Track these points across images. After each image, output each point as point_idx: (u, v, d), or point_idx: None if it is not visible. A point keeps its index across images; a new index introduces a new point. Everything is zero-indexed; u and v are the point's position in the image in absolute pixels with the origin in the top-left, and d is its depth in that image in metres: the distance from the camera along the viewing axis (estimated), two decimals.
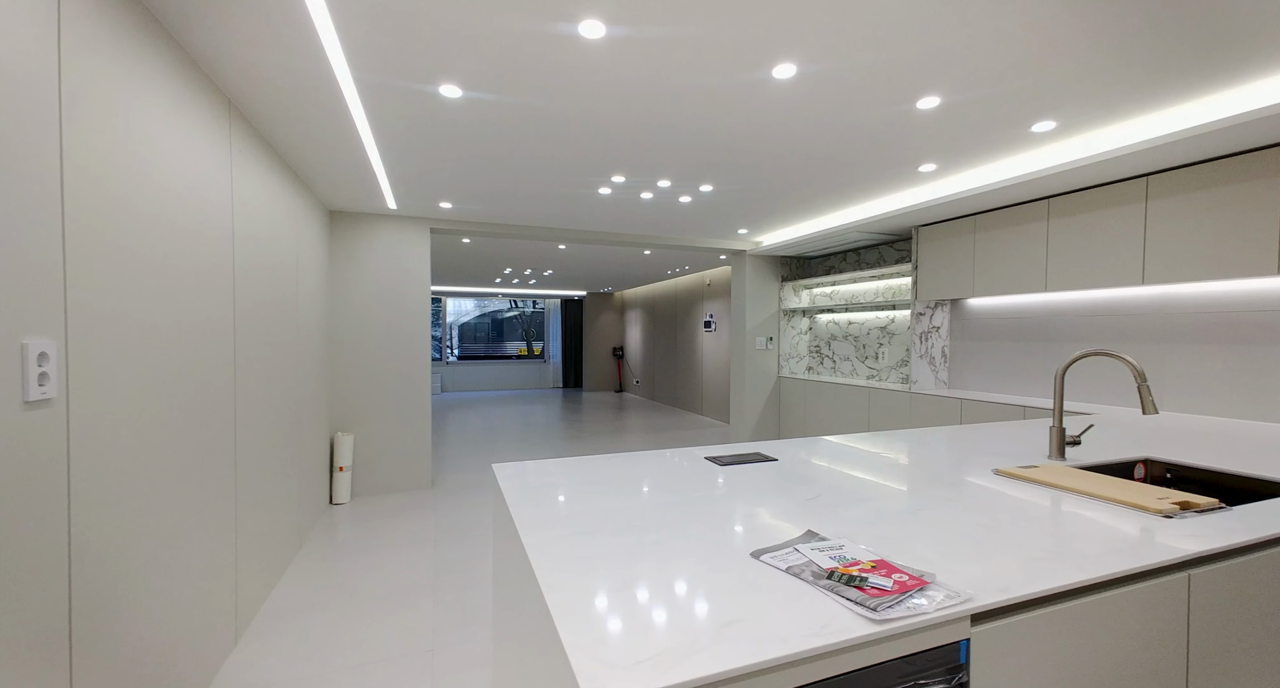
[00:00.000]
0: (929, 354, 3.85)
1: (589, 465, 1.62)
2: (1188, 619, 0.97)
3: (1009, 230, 3.19)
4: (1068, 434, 1.65)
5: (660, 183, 3.20)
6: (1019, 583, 0.84)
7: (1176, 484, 1.64)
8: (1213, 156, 2.33)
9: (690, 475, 1.51)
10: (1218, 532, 1.05)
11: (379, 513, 3.67)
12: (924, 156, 2.72)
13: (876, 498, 1.28)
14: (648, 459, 1.70)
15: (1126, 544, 0.99)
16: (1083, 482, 1.35)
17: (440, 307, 11.75)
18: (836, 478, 1.47)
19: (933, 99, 2.06)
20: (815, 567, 0.88)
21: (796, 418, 4.98)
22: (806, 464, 1.63)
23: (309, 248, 3.35)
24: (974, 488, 1.35)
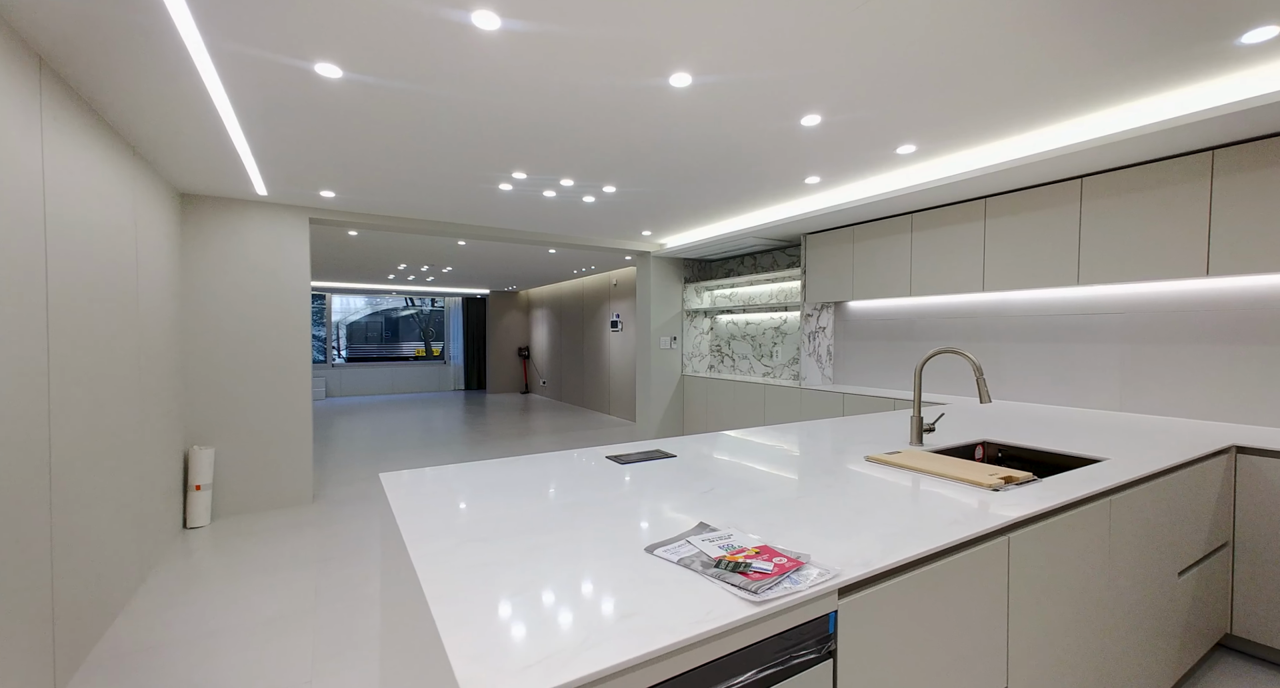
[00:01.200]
0: (816, 352, 4.18)
1: (487, 470, 1.57)
2: (1008, 575, 1.14)
3: (881, 240, 3.55)
4: (925, 422, 1.87)
5: (563, 182, 3.17)
6: (878, 556, 0.94)
7: (1006, 462, 1.93)
8: (1036, 183, 2.77)
9: (592, 475, 1.51)
10: (1030, 500, 1.25)
11: (247, 534, 3.27)
12: (809, 170, 2.95)
13: (766, 488, 1.37)
14: (550, 461, 1.68)
15: (964, 516, 1.14)
16: (935, 464, 1.54)
17: (324, 304, 10.74)
18: (731, 470, 1.55)
19: (815, 117, 2.24)
20: (705, 557, 0.93)
21: (699, 415, 5.18)
22: (704, 459, 1.70)
23: (152, 236, 2.91)
24: (849, 474, 1.49)
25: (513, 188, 3.29)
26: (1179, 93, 2.03)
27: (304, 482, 3.82)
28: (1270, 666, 1.91)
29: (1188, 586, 1.73)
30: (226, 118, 2.30)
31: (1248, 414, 2.31)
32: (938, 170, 2.86)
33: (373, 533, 3.27)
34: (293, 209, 3.75)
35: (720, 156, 2.74)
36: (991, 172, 2.62)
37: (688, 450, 1.81)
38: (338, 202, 3.65)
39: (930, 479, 1.43)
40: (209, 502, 3.41)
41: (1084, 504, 1.33)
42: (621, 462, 1.66)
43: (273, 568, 2.81)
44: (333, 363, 10.74)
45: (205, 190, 3.39)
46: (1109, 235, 2.53)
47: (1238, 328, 2.34)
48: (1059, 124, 2.32)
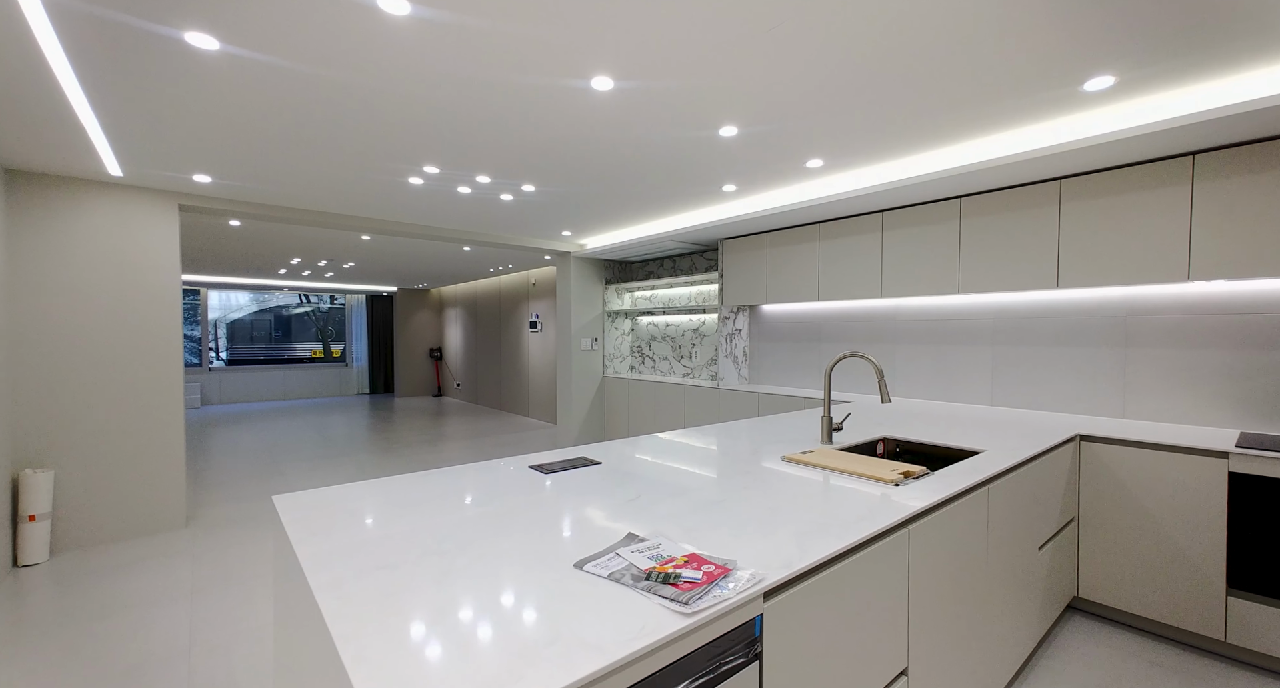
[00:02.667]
0: (733, 354, 4.35)
1: (399, 486, 1.46)
2: (908, 563, 1.24)
3: (792, 247, 3.76)
4: (834, 421, 1.99)
5: (479, 178, 3.04)
6: (797, 557, 0.98)
7: (904, 456, 2.11)
8: (925, 200, 3.06)
9: (514, 487, 1.46)
10: (926, 493, 1.37)
11: (100, 569, 2.81)
12: (726, 178, 3.05)
13: (690, 490, 1.39)
14: (468, 473, 1.60)
15: (870, 510, 1.23)
16: (843, 462, 1.64)
17: (199, 300, 9.52)
18: (656, 474, 1.56)
19: (731, 128, 2.31)
20: (635, 569, 0.92)
21: (621, 416, 5.19)
22: (629, 463, 1.69)
23: None
24: (767, 473, 1.56)
25: (424, 182, 3.10)
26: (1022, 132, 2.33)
27: (175, 504, 3.35)
28: (1110, 622, 2.26)
29: (1045, 557, 1.99)
30: (66, 82, 1.96)
31: (1087, 406, 2.71)
32: (842, 184, 3.07)
33: (257, 557, 2.94)
34: (157, 194, 3.28)
35: (641, 161, 2.76)
36: (887, 189, 2.86)
37: (612, 456, 1.80)
38: (215, 188, 3.24)
39: (840, 477, 1.52)
40: (47, 534, 2.89)
41: (968, 493, 1.48)
42: (545, 471, 1.61)
43: (133, 606, 2.43)
44: (209, 367, 9.55)
45: (40, 166, 2.87)
46: (985, 249, 2.85)
47: (1078, 332, 2.73)
48: (945, 147, 2.58)
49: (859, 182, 2.98)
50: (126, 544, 3.12)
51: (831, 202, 3.12)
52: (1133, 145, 2.19)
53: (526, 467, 1.66)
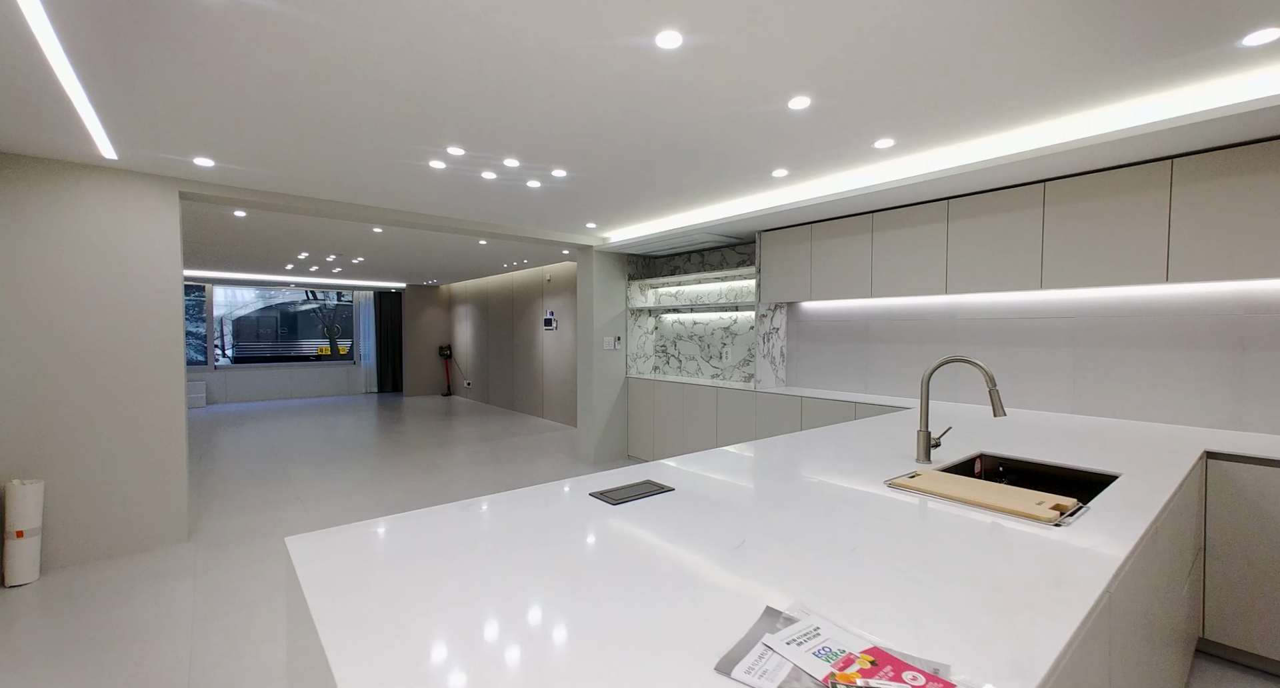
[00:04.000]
0: (770, 354, 4.06)
1: (436, 523, 1.18)
2: (1109, 642, 0.96)
3: (841, 240, 3.47)
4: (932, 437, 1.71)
5: (507, 162, 2.76)
6: (1026, 657, 0.70)
7: (1007, 477, 1.82)
8: (996, 187, 2.76)
9: (578, 523, 1.18)
10: (1102, 536, 1.08)
11: (93, 590, 2.56)
12: (780, 161, 2.76)
13: (799, 533, 1.11)
14: (520, 504, 1.32)
15: (1056, 568, 0.95)
16: (966, 490, 1.36)
17: (204, 296, 9.30)
18: (745, 505, 1.28)
19: (804, 99, 2.03)
20: (806, 676, 0.64)
21: (646, 420, 4.92)
22: (706, 489, 1.42)
23: None
24: (881, 505, 1.28)
25: (446, 167, 2.83)
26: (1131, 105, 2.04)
27: (177, 516, 3.10)
28: (1241, 668, 1.97)
29: (1181, 594, 1.70)
30: (49, 47, 1.69)
31: (1193, 416, 2.41)
32: (910, 167, 2.77)
33: (262, 578, 2.68)
34: (156, 179, 3.01)
35: (690, 143, 2.47)
36: (961, 172, 2.56)
37: (683, 479, 1.52)
38: (218, 173, 2.97)
39: (974, 512, 1.24)
40: (36, 551, 2.64)
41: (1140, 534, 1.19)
42: (610, 500, 1.33)
43: (128, 634, 2.18)
44: (215, 365, 9.34)
45: (28, 148, 2.61)
46: (1071, 239, 2.55)
47: (1182, 332, 2.43)
48: (1031, 126, 2.28)
49: (931, 164, 2.69)
50: (123, 561, 2.87)
51: (895, 187, 2.82)
52: (1250, 122, 1.89)
53: (587, 494, 1.39)
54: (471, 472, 4.72)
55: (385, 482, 4.42)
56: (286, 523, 3.47)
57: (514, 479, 4.47)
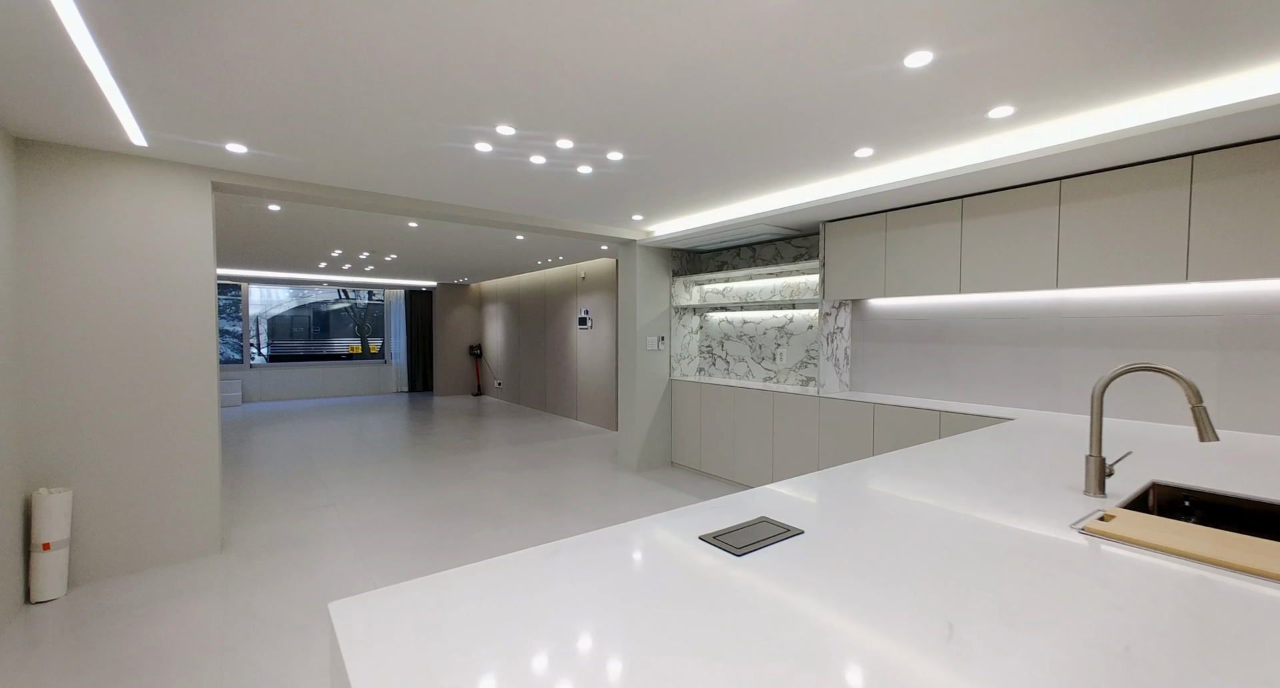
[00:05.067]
0: (834, 356, 3.72)
1: (508, 581, 0.91)
2: None
3: (922, 229, 3.11)
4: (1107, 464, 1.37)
5: (560, 143, 2.49)
6: None
7: (1198, 514, 1.47)
8: (1123, 163, 2.37)
9: (696, 584, 0.89)
10: None
11: (120, 609, 2.39)
12: (868, 138, 2.43)
13: (1014, 606, 0.79)
14: (611, 552, 1.04)
15: None
16: (1203, 544, 1.03)
17: (240, 296, 9.35)
18: (910, 562, 0.97)
19: (924, 54, 1.70)
20: None
21: (692, 425, 4.62)
22: (843, 531, 1.12)
23: None
24: (1092, 562, 0.95)
25: (493, 150, 2.58)
26: None
27: (209, 526, 2.93)
28: None
29: None
30: (71, 23, 1.48)
31: None
32: (1021, 142, 2.40)
33: (297, 599, 2.48)
34: (187, 169, 2.84)
35: (766, 120, 2.17)
36: (1085, 147, 2.19)
37: (807, 515, 1.22)
38: (251, 161, 2.78)
39: (1224, 578, 0.91)
40: (64, 565, 2.49)
41: None
42: (730, 548, 1.04)
43: (155, 663, 1.98)
44: (250, 363, 9.38)
45: (55, 135, 2.44)
46: (1228, 222, 2.16)
47: None
48: (1175, 89, 1.90)
49: (1049, 138, 2.32)
50: (154, 575, 2.71)
51: (1002, 167, 2.46)
52: None
53: (695, 538, 1.10)
54: (508, 477, 4.50)
55: (420, 487, 4.23)
56: (320, 531, 3.29)
57: (554, 486, 4.22)
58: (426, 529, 3.33)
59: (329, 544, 3.10)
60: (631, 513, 3.62)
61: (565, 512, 3.65)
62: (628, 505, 3.78)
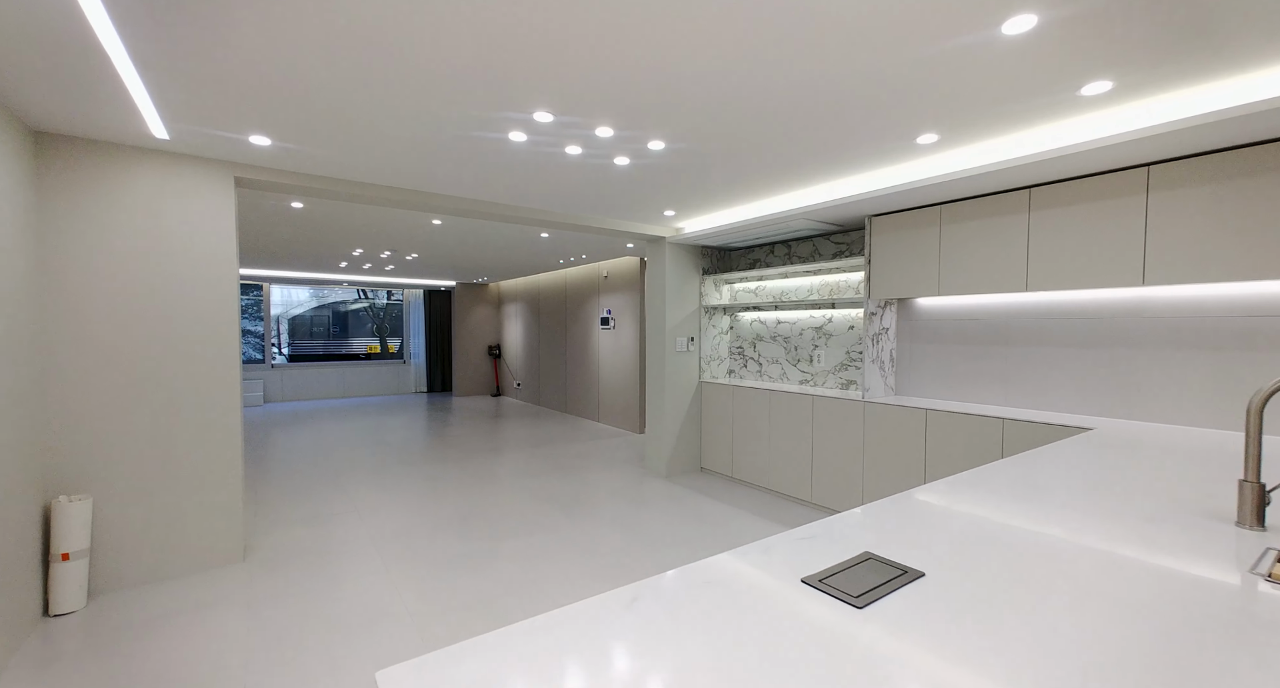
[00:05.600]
0: (879, 358, 3.51)
1: (588, 639, 0.74)
2: None
3: (984, 222, 2.89)
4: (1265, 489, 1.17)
5: (599, 130, 2.33)
6: None
7: None
8: (1228, 146, 2.14)
9: (816, 653, 0.70)
10: None
11: (141, 623, 2.28)
12: (936, 121, 2.23)
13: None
14: (694, 601, 0.87)
15: None
16: None
17: (262, 296, 9.37)
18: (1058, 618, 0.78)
19: (1027, 18, 1.50)
20: None
21: (724, 429, 4.44)
22: (972, 572, 0.93)
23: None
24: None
25: (528, 139, 2.42)
26: None
27: (231, 533, 2.83)
28: None
29: None
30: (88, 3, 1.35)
31: None
32: (1111, 123, 2.18)
33: (319, 613, 2.35)
34: (210, 163, 2.73)
35: (825, 104, 1.98)
36: (1191, 125, 1.97)
37: (907, 547, 1.04)
38: (275, 154, 2.66)
39: None
40: (84, 575, 2.39)
41: None
42: (851, 600, 0.86)
43: (176, 684, 1.86)
44: (272, 363, 9.40)
45: (74, 128, 2.35)
46: None
47: None
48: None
49: (1140, 118, 2.10)
50: (175, 586, 2.60)
51: (1085, 152, 2.24)
52: None
53: (797, 580, 0.92)
54: (533, 482, 4.36)
55: (443, 492, 4.10)
56: (343, 539, 3.17)
57: (580, 492, 4.07)
58: (452, 539, 3.20)
59: (352, 554, 2.98)
60: (664, 523, 3.45)
61: (594, 520, 3.49)
62: (659, 514, 3.61)
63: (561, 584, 2.61)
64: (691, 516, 3.59)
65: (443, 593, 2.54)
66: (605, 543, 3.13)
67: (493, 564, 2.85)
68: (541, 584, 2.61)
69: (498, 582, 2.64)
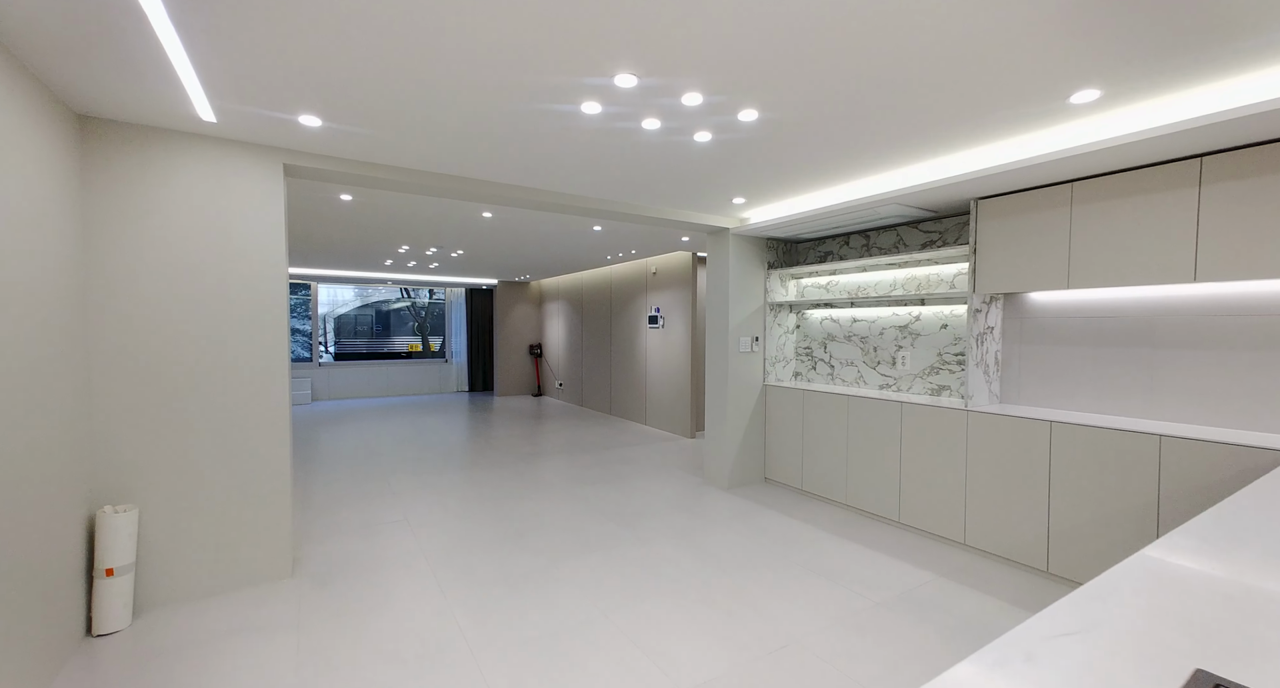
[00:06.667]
0: (983, 361, 3.08)
1: None
2: None
3: (1134, 200, 2.44)
4: None
5: (685, 99, 2.02)
6: None
7: None
8: None
9: None
10: None
11: (189, 645, 2.10)
12: (1100, 75, 1.82)
13: None
14: None
15: None
16: None
17: (310, 295, 9.46)
18: None
19: None
20: None
21: (790, 437, 4.06)
22: None
23: (24, 184, 1.72)
24: None
25: (603, 111, 2.13)
26: None
27: (280, 545, 2.65)
28: None
29: None
30: None
31: None
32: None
33: (370, 639, 2.12)
34: (259, 150, 2.55)
35: (961, 58, 1.61)
36: None
37: (1264, 653, 0.68)
38: (326, 137, 2.46)
39: None
40: (129, 592, 2.23)
41: None
42: None
43: None
44: (319, 362, 9.48)
45: (119, 111, 2.18)
46: None
47: None
48: None
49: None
50: (223, 602, 2.43)
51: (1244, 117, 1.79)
52: None
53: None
54: (585, 490, 4.09)
55: (493, 500, 3.88)
56: (394, 553, 2.96)
57: (636, 503, 3.77)
58: (508, 556, 2.95)
59: (405, 571, 2.76)
60: (735, 542, 3.11)
61: (657, 537, 3.19)
62: (728, 531, 3.28)
63: (632, 617, 2.32)
64: (764, 534, 3.25)
65: (502, 622, 2.28)
66: (673, 565, 2.82)
67: (553, 588, 2.58)
68: (611, 616, 2.32)
69: (561, 611, 2.37)
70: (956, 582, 2.63)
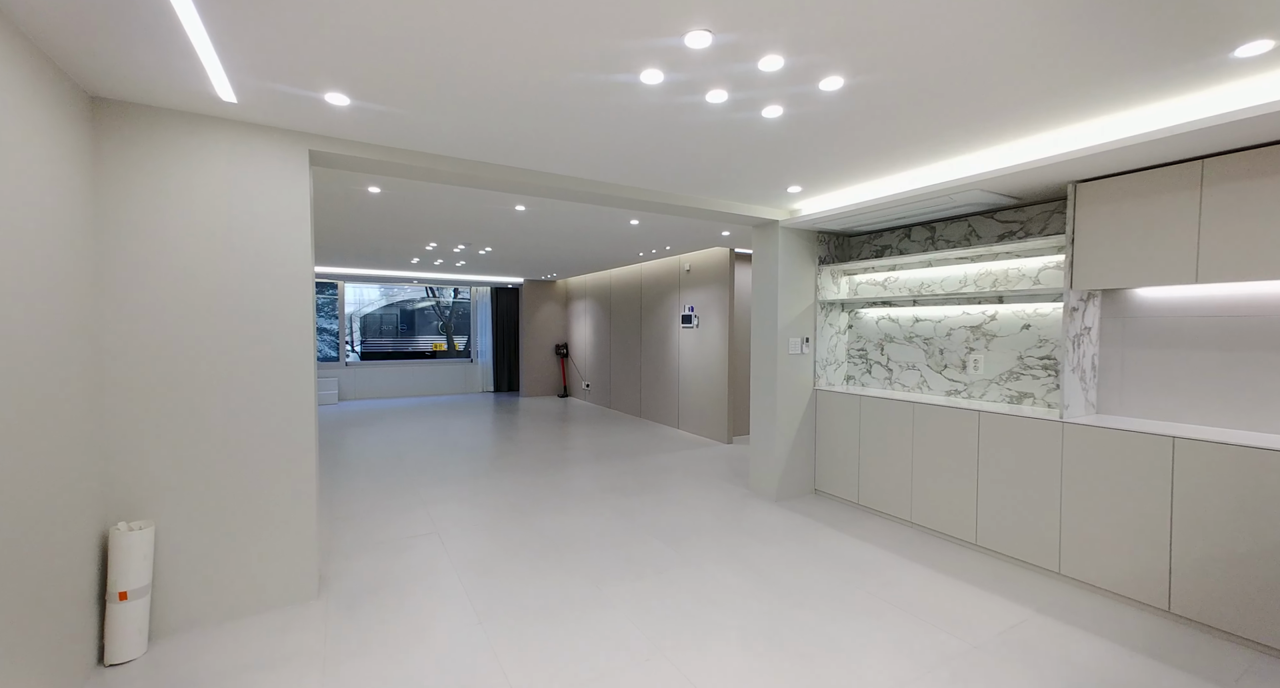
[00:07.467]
0: (1080, 367, 2.73)
1: None
2: None
3: (1271, 181, 2.08)
4: None
5: (762, 63, 1.74)
6: None
7: None
8: None
9: None
10: None
11: (210, 679, 1.90)
12: (1266, 24, 1.48)
13: None
14: None
15: None
16: None
17: (337, 294, 9.42)
18: None
19: None
20: None
21: (844, 446, 3.74)
22: None
23: (30, 172, 1.52)
24: None
25: (664, 81, 1.86)
26: None
27: (305, 564, 2.45)
28: None
29: None
30: None
31: None
32: None
33: (401, 678, 1.88)
34: (282, 134, 2.35)
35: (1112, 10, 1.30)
36: None
37: None
38: (354, 119, 2.24)
39: None
40: (144, 617, 2.04)
41: None
42: None
43: None
44: (345, 361, 9.43)
45: (133, 91, 1.99)
46: None
47: None
48: None
49: None
50: (245, 627, 2.23)
51: None
52: None
53: None
54: (624, 502, 3.83)
55: (528, 511, 3.65)
56: (425, 571, 2.74)
57: (681, 517, 3.50)
58: (546, 578, 2.71)
59: (437, 593, 2.54)
60: (794, 565, 2.82)
61: (707, 558, 2.91)
62: (784, 552, 2.99)
63: (691, 656, 2.05)
64: (824, 555, 2.95)
65: (546, 657, 2.03)
66: (728, 592, 2.54)
67: (599, 617, 2.32)
68: (668, 653, 2.06)
69: (610, 645, 2.11)
70: (1060, 620, 2.30)
